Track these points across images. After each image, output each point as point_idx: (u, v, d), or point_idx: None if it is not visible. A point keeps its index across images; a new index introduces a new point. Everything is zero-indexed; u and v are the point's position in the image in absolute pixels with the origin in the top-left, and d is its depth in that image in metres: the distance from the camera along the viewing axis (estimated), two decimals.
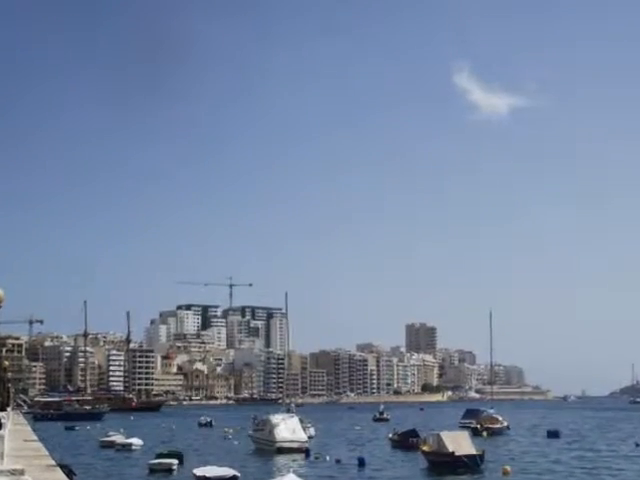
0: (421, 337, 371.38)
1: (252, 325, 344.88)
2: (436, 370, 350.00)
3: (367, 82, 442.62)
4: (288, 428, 54.53)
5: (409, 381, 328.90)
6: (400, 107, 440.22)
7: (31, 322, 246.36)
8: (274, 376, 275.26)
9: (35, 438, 31.04)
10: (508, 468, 41.18)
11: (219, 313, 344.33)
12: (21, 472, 12.35)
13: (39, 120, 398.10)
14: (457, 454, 42.37)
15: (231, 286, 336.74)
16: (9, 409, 52.55)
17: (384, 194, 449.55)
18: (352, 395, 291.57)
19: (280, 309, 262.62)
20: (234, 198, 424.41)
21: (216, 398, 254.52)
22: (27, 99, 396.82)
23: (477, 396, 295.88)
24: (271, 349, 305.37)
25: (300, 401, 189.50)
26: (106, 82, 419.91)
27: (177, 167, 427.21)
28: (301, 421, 59.35)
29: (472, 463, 42.16)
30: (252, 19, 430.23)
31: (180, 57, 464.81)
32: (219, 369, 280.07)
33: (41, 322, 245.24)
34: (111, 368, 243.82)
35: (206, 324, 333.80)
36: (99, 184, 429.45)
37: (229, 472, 37.18)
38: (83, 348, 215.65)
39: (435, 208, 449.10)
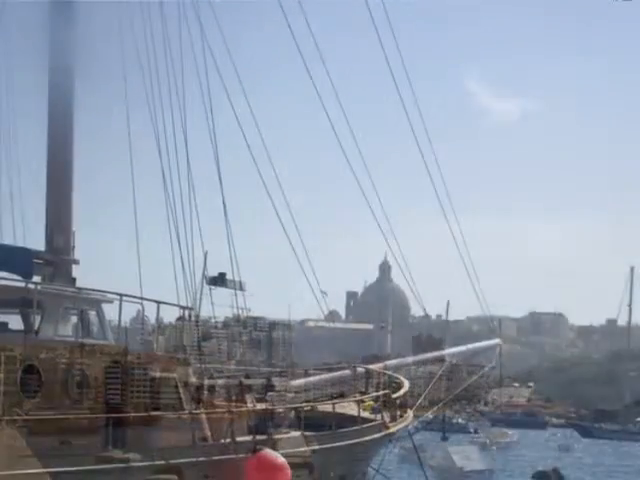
0: (428, 348, 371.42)
1: (254, 337, 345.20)
2: (444, 382, 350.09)
3: (371, 84, 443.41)
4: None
5: (415, 394, 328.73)
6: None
7: None
8: None
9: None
10: None
11: (220, 324, 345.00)
12: None
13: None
14: (466, 469, 41.78)
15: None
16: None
17: (388, 201, 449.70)
18: None
19: (283, 320, 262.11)
20: (236, 204, 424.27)
21: None
22: None
23: (486, 409, 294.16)
24: (273, 362, 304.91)
25: None
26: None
27: None
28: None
29: (481, 478, 41.56)
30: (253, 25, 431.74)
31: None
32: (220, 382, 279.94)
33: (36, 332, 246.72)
34: (107, 381, 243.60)
35: (206, 335, 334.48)
36: (97, 192, 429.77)
37: None
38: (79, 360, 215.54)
39: (441, 214, 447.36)
